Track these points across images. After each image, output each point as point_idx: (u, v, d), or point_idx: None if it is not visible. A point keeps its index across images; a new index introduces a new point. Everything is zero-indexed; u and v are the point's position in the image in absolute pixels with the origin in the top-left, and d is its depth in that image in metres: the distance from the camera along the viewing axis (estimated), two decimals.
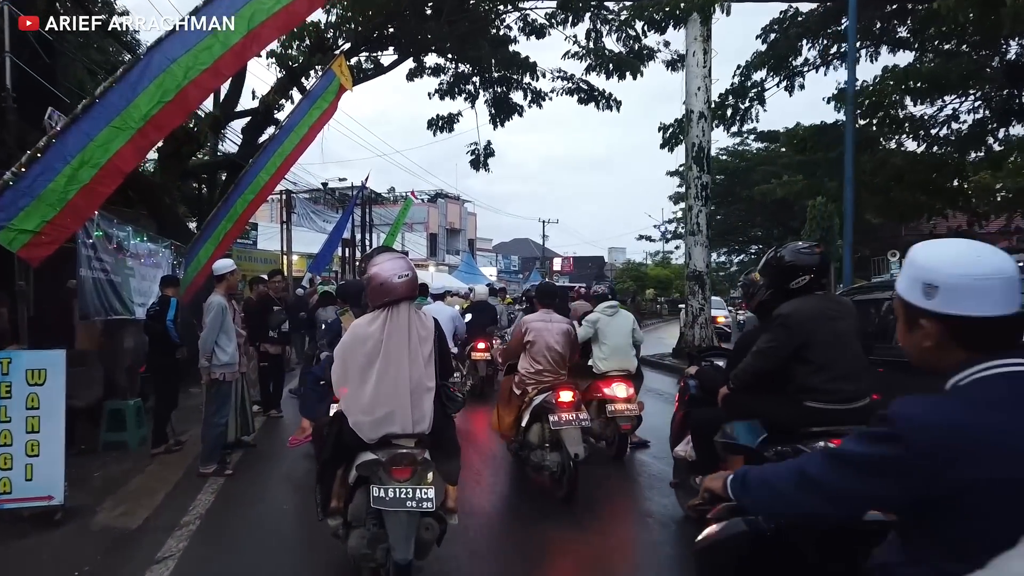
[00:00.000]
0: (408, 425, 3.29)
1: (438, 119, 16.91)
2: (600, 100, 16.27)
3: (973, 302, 1.41)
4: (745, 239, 41.54)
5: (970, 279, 1.42)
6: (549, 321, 5.84)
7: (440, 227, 45.48)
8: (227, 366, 6.23)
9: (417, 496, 3.19)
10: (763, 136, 37.86)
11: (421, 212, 41.82)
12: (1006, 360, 1.40)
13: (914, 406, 1.41)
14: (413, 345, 3.36)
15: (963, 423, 1.33)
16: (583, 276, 52.64)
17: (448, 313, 8.92)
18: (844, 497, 1.47)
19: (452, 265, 41.44)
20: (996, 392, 1.37)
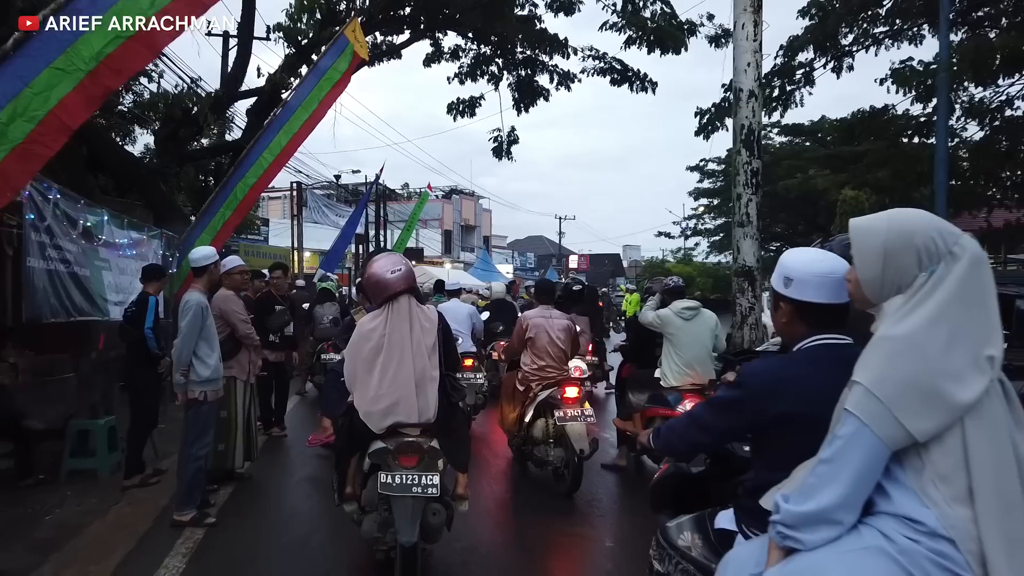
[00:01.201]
0: (414, 414, 3.40)
1: (459, 103, 15.41)
2: (634, 81, 14.70)
3: (813, 292, 2.00)
4: (766, 235, 39.96)
5: (814, 275, 2.00)
6: (549, 317, 5.79)
7: (455, 224, 44.01)
8: (209, 383, 4.78)
9: (423, 482, 3.30)
10: (787, 130, 36.30)
11: (436, 208, 40.36)
12: (829, 335, 2.01)
13: (755, 364, 2.14)
14: (416, 337, 3.47)
15: (781, 374, 2.00)
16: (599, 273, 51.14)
17: (465, 311, 8.29)
18: (712, 429, 2.15)
19: (467, 262, 39.96)
20: (813, 355, 1.99)
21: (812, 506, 1.57)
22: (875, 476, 1.55)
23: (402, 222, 27.07)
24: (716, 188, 38.86)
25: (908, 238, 1.61)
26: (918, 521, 1.49)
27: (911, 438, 1.49)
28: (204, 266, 4.99)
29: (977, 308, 1.55)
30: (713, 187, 39.00)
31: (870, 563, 1.51)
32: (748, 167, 13.19)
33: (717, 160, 37.40)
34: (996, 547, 1.43)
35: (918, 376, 1.50)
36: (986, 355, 1.51)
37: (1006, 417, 1.52)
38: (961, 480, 1.47)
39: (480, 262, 35.08)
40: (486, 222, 49.78)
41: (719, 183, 38.60)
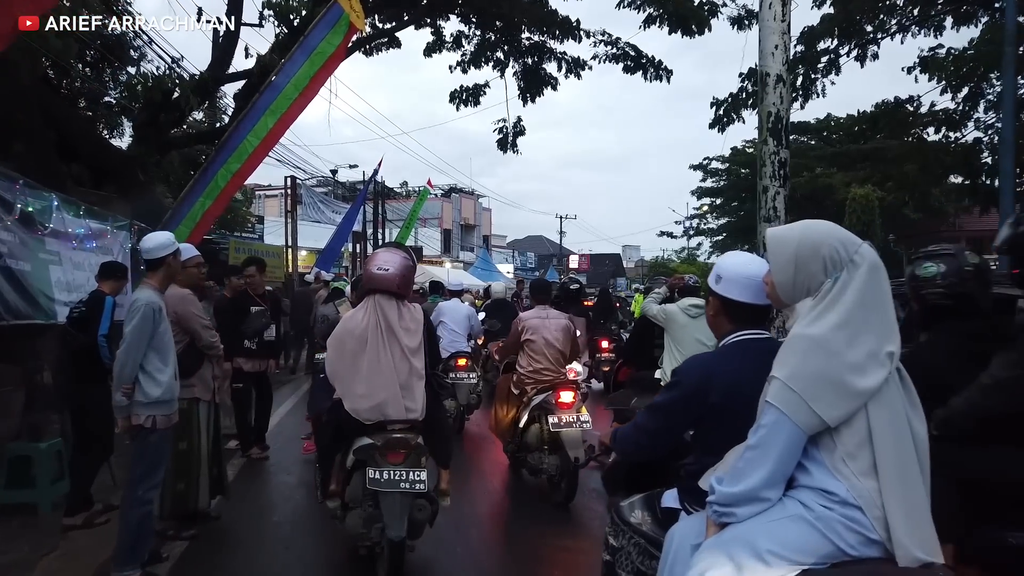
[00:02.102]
0: (401, 412, 3.41)
1: (462, 91, 14.35)
2: (648, 68, 13.68)
3: (738, 291, 2.19)
4: None
5: (741, 276, 2.20)
6: (546, 317, 5.63)
7: (454, 223, 42.89)
8: (159, 405, 3.71)
9: (410, 478, 3.30)
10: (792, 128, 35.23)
11: (435, 207, 39.24)
12: (751, 331, 2.21)
13: (689, 362, 2.34)
14: (400, 335, 3.45)
15: (713, 367, 2.19)
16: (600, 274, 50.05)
17: (464, 311, 8.19)
18: (657, 431, 2.32)
19: (467, 262, 38.89)
20: (738, 350, 2.18)
21: (742, 487, 1.78)
22: (795, 457, 1.77)
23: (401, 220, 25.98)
24: (719, 187, 37.91)
25: (816, 248, 1.83)
26: (832, 492, 1.72)
27: (824, 424, 1.71)
28: (159, 258, 3.88)
29: (876, 310, 1.76)
30: (716, 186, 38.04)
31: (793, 529, 1.73)
32: (775, 157, 12.05)
33: (721, 159, 36.48)
34: (897, 512, 1.66)
35: (827, 370, 1.71)
36: (886, 351, 1.73)
37: (903, 401, 1.75)
38: (866, 457, 1.70)
39: (480, 261, 34.03)
40: (486, 221, 48.64)
41: (722, 182, 37.68)
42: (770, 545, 1.72)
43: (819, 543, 1.70)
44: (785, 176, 12.09)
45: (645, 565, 2.35)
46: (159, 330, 3.76)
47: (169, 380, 3.75)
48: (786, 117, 12.09)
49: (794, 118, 35.51)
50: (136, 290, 3.93)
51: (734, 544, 1.77)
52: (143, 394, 3.68)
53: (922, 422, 1.76)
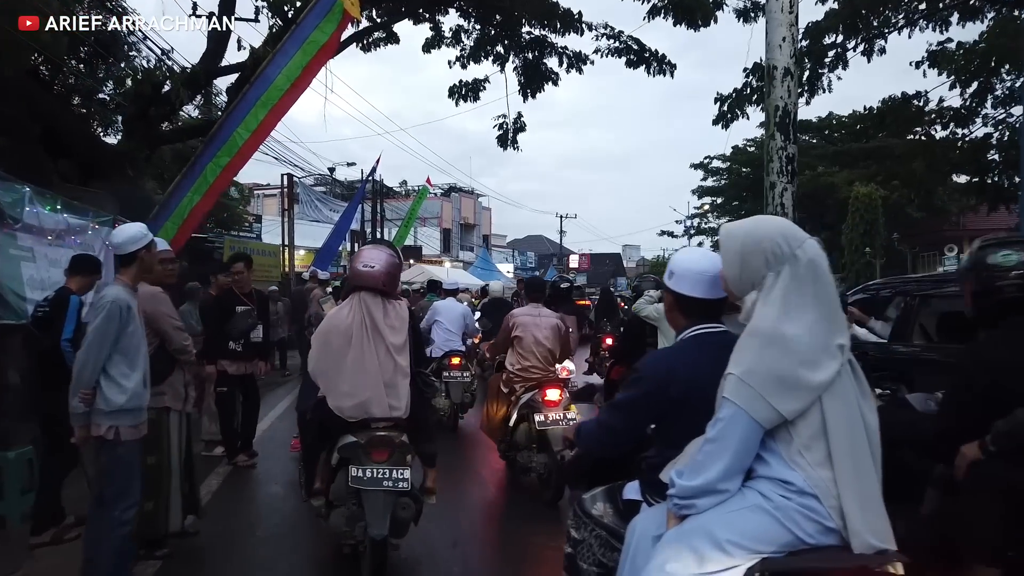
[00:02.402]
0: (385, 410, 3.37)
1: (461, 86, 13.99)
2: (651, 62, 13.34)
3: (688, 286, 2.22)
4: None
5: (691, 272, 2.22)
6: (537, 315, 5.58)
7: (454, 222, 42.52)
8: (123, 414, 3.32)
9: (393, 476, 3.27)
10: None
11: (434, 206, 38.87)
12: (706, 326, 2.22)
13: (649, 357, 2.37)
14: (385, 333, 3.42)
15: (672, 362, 2.20)
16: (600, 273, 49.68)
17: (459, 310, 8.15)
18: (621, 429, 2.33)
19: (467, 261, 38.52)
20: (694, 345, 2.20)
21: (701, 481, 1.79)
22: (753, 450, 1.78)
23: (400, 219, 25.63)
24: (720, 186, 37.60)
25: (759, 242, 1.86)
26: (789, 482, 1.74)
27: (781, 417, 1.73)
28: (131, 252, 3.50)
29: (819, 304, 1.79)
30: (717, 185, 37.74)
31: (752, 519, 1.75)
32: (783, 153, 11.58)
33: (722, 157, 36.17)
34: (851, 501, 1.69)
35: (781, 366, 1.74)
36: (836, 343, 1.77)
37: (855, 392, 1.79)
38: (821, 448, 1.73)
39: (480, 261, 33.68)
40: (486, 221, 48.27)
41: (723, 181, 37.37)
42: (730, 535, 1.74)
43: (778, 532, 1.73)
44: (793, 172, 11.68)
45: (607, 557, 2.36)
46: (127, 331, 3.39)
47: (136, 387, 3.39)
48: (794, 111, 11.66)
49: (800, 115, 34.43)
50: (106, 287, 3.58)
51: (695, 535, 1.79)
52: (105, 401, 3.29)
53: (873, 412, 1.80)
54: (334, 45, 8.05)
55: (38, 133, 9.33)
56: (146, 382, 3.50)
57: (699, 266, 2.22)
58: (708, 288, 2.18)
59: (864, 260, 26.62)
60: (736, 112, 15.00)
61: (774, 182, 11.68)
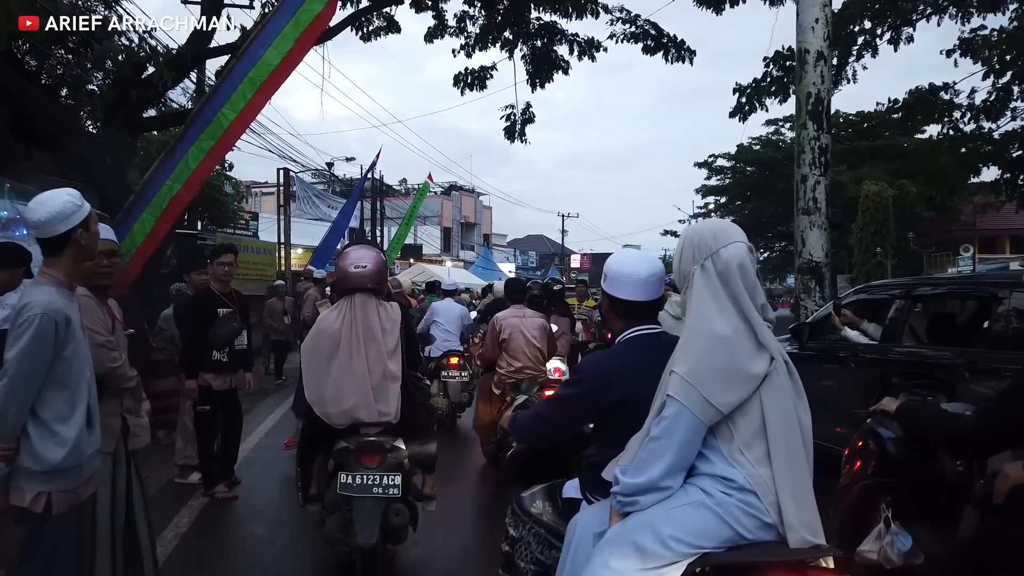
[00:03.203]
0: (374, 415, 3.27)
1: (467, 73, 13.12)
2: (670, 48, 12.48)
3: (619, 289, 2.20)
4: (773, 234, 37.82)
5: (621, 275, 2.20)
6: (523, 316, 5.56)
7: (454, 221, 41.59)
8: (60, 475, 2.39)
9: (383, 483, 3.19)
10: None
11: (435, 205, 37.96)
12: (641, 327, 2.23)
13: (589, 359, 2.60)
14: (376, 335, 3.34)
15: (612, 364, 2.20)
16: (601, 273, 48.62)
17: (457, 311, 8.10)
18: (554, 423, 2.34)
19: (468, 261, 37.66)
20: (631, 346, 2.21)
21: (645, 478, 1.80)
22: (695, 448, 1.80)
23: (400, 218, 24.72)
24: (724, 185, 36.78)
25: (691, 238, 1.92)
26: (730, 479, 1.77)
27: (719, 412, 1.76)
28: (62, 235, 2.49)
29: (741, 303, 1.80)
30: (721, 184, 36.92)
31: (694, 515, 1.77)
32: (816, 143, 10.77)
33: (727, 156, 35.33)
34: (788, 498, 1.73)
35: (719, 362, 1.76)
36: (760, 339, 1.80)
37: (790, 391, 1.81)
38: (761, 446, 1.76)
39: (481, 260, 32.83)
40: (486, 220, 47.32)
41: (727, 180, 36.56)
42: (672, 531, 1.76)
43: (718, 528, 1.76)
44: (826, 164, 10.83)
45: (545, 555, 2.34)
46: (64, 354, 2.42)
47: (78, 435, 2.42)
48: (827, 98, 10.87)
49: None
50: (27, 288, 2.67)
51: (638, 531, 1.81)
52: (33, 458, 2.34)
53: (807, 412, 1.83)
54: (328, 16, 7.16)
55: (7, 118, 8.45)
56: (92, 421, 2.53)
57: (629, 269, 2.22)
58: (639, 290, 2.20)
59: (875, 260, 25.75)
60: (755, 104, 14.21)
61: (806, 175, 10.82)
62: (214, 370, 4.88)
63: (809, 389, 1.86)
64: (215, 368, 4.88)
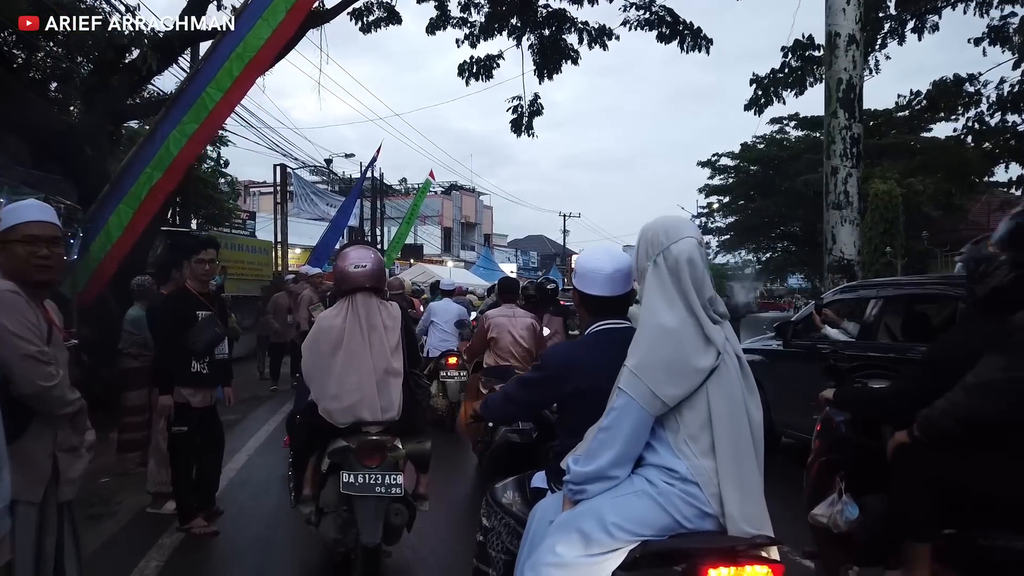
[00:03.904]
0: (376, 412, 3.23)
1: (472, 62, 12.38)
2: (686, 36, 11.76)
3: (586, 284, 2.24)
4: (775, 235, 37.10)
5: (588, 271, 2.24)
6: (512, 316, 5.52)
7: (455, 220, 40.80)
8: None
9: (386, 482, 3.13)
10: (805, 123, 33.64)
11: (435, 204, 37.19)
12: (607, 322, 2.24)
13: (552, 349, 2.67)
14: (377, 334, 3.32)
15: (573, 356, 2.26)
16: None
17: (454, 311, 8.01)
18: (519, 402, 2.43)
19: (468, 261, 36.89)
20: (594, 339, 2.22)
21: (594, 467, 1.85)
22: (642, 439, 1.84)
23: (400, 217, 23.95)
24: (728, 185, 36.06)
25: (645, 234, 1.95)
26: (673, 470, 1.80)
27: (665, 405, 1.79)
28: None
29: (689, 298, 1.83)
30: (724, 183, 36.19)
31: (637, 504, 1.81)
32: (847, 133, 10.02)
33: (730, 155, 34.61)
34: (730, 489, 1.76)
35: (666, 355, 1.81)
36: (707, 334, 1.82)
37: (741, 388, 1.84)
38: (706, 438, 1.80)
39: (482, 260, 32.07)
40: (487, 219, 46.52)
41: (730, 179, 35.85)
42: (615, 518, 1.80)
43: (659, 516, 1.79)
44: (858, 155, 10.06)
45: (513, 544, 2.34)
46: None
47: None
48: (859, 84, 10.12)
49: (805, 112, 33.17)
50: None
51: (583, 518, 1.85)
52: None
53: (758, 408, 1.86)
54: None
55: None
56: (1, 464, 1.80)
57: (595, 265, 2.24)
58: (604, 286, 2.21)
59: (884, 260, 25.05)
60: (771, 96, 13.49)
61: (836, 166, 10.03)
62: (192, 384, 4.11)
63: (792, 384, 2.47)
64: (194, 381, 4.11)
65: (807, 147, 32.10)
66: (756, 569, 1.74)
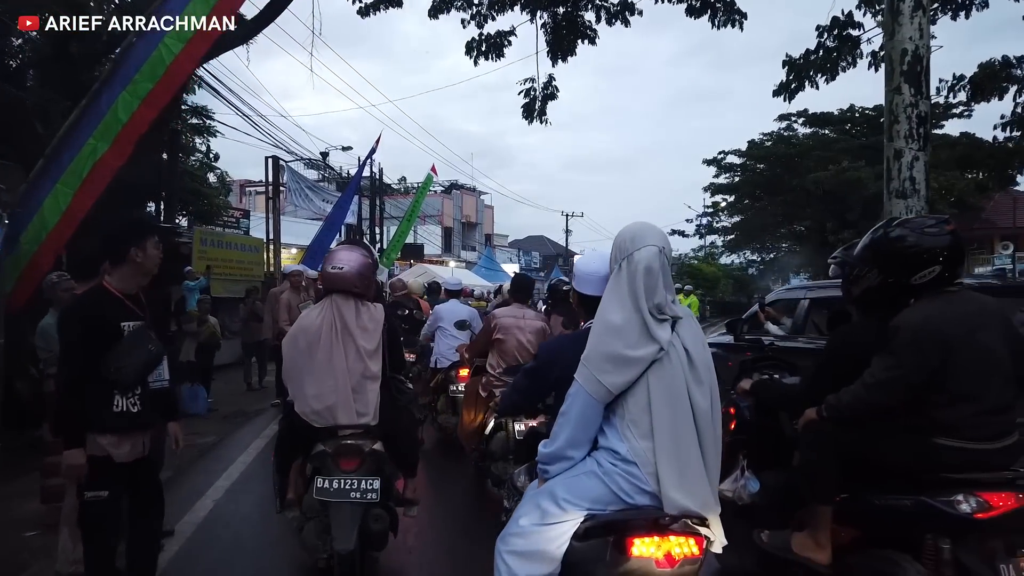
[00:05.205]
0: (352, 416, 3.15)
1: (481, 39, 11.10)
2: (718, 9, 10.51)
3: (582, 285, 2.44)
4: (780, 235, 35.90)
5: (584, 273, 2.44)
6: (521, 317, 5.11)
7: (455, 220, 39.39)
8: None
9: (361, 487, 3.03)
10: (813, 120, 32.56)
11: (435, 203, 35.81)
12: None
13: (546, 342, 2.98)
14: (355, 336, 3.23)
15: (560, 346, 2.44)
16: None
17: (463, 314, 7.10)
18: (524, 391, 2.61)
19: (469, 261, 35.52)
20: (584, 335, 2.19)
21: (553, 448, 2.10)
22: (593, 422, 2.04)
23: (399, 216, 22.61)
24: (734, 183, 34.87)
25: (616, 238, 2.16)
26: (616, 451, 2.00)
27: (609, 392, 1.98)
28: None
29: (639, 300, 2.02)
30: (730, 182, 35.00)
31: (585, 481, 2.03)
32: (912, 111, 8.46)
33: (737, 153, 33.42)
34: (667, 468, 1.94)
35: (608, 347, 2.00)
36: (651, 332, 1.99)
37: (685, 378, 1.99)
38: (646, 422, 1.98)
39: (484, 260, 30.70)
40: (487, 219, 45.12)
41: (736, 178, 34.67)
42: (566, 495, 2.03)
43: (602, 492, 2.00)
44: (926, 136, 8.62)
45: None
46: None
47: None
48: (926, 55, 8.78)
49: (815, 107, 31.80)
50: None
51: (542, 494, 2.10)
52: None
53: (704, 396, 2.00)
54: None
55: None
56: None
57: (589, 268, 2.45)
58: (599, 286, 2.29)
59: None
60: (803, 80, 12.27)
61: (900, 149, 8.54)
62: (116, 429, 2.80)
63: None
64: (118, 425, 2.80)
65: (816, 144, 31.01)
66: (679, 540, 1.97)
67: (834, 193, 28.74)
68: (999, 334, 2.50)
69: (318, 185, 20.00)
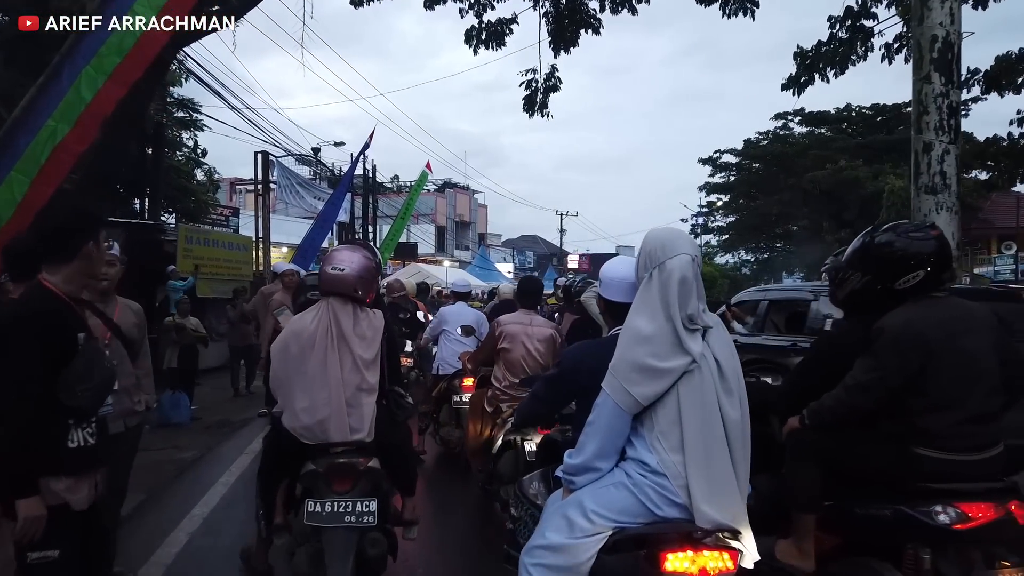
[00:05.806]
0: (345, 432, 2.88)
1: (481, 27, 10.55)
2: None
3: (610, 292, 2.34)
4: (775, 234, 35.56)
5: (612, 279, 2.35)
6: (529, 324, 4.66)
7: (448, 219, 38.79)
8: None
9: (357, 510, 2.78)
10: (809, 119, 32.25)
11: (429, 202, 35.20)
12: None
13: (570, 349, 2.71)
14: (352, 344, 2.98)
15: (585, 353, 2.34)
16: None
17: (470, 317, 6.50)
18: (544, 399, 2.54)
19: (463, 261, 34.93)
20: (610, 342, 2.15)
21: (580, 459, 2.04)
22: (621, 433, 1.99)
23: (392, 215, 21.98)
24: (729, 183, 34.51)
25: (645, 246, 2.10)
26: (646, 463, 1.95)
27: (638, 403, 1.94)
28: None
29: (672, 309, 1.98)
30: (725, 181, 34.64)
31: (614, 493, 1.98)
32: (943, 101, 7.98)
33: (733, 151, 33.07)
34: (698, 481, 1.90)
35: (637, 357, 1.95)
36: (687, 345, 1.95)
37: (716, 390, 1.95)
38: (676, 435, 1.94)
39: (479, 260, 30.16)
40: (481, 219, 44.55)
41: (732, 177, 34.32)
42: (595, 507, 1.97)
43: (633, 505, 1.95)
44: (956, 128, 8.15)
45: None
46: None
47: None
48: (958, 42, 8.29)
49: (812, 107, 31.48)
50: None
51: (569, 506, 2.03)
52: None
53: (734, 408, 1.96)
54: None
55: None
56: None
57: (618, 274, 2.34)
58: (623, 292, 2.27)
59: None
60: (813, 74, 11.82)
61: (930, 142, 7.96)
62: (73, 469, 2.18)
63: None
64: (74, 465, 2.20)
65: (812, 143, 30.71)
66: (714, 555, 1.91)
67: (831, 192, 28.47)
68: (987, 342, 2.44)
69: (309, 182, 19.38)
